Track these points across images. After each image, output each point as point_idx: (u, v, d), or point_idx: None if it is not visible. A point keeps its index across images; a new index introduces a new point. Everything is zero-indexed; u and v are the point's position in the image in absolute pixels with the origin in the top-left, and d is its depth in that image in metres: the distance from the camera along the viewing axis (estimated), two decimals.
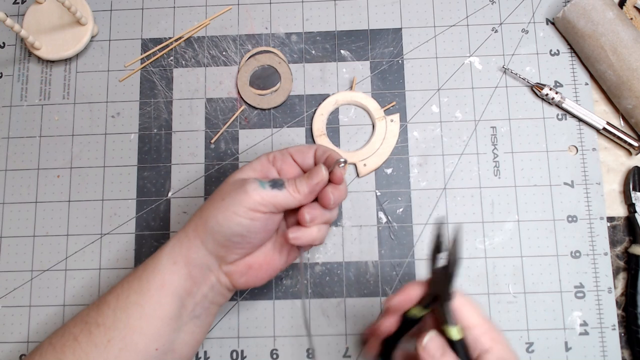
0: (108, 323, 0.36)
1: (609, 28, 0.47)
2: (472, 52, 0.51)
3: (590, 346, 0.46)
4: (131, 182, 0.50)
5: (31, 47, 0.51)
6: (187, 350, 0.38)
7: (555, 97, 0.49)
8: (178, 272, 0.37)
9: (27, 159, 0.51)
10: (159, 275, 0.36)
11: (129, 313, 0.36)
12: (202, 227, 0.37)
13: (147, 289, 0.36)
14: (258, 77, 0.52)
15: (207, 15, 0.53)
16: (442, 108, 0.50)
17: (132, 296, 0.36)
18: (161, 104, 0.52)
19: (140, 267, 0.38)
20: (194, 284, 0.37)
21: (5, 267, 0.49)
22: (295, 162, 0.40)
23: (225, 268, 0.38)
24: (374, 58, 0.52)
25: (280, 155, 0.40)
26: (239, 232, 0.36)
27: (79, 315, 0.38)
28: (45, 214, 0.50)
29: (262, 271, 0.39)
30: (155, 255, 0.38)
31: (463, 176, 0.49)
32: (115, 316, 0.36)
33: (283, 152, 0.41)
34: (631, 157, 0.49)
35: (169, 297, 0.36)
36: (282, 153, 0.40)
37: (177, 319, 0.37)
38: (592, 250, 0.47)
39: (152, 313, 0.36)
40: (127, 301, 0.36)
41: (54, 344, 0.37)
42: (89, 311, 0.38)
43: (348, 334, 0.47)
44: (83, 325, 0.36)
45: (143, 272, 0.37)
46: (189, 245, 0.37)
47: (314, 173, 0.37)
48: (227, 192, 0.37)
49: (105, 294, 0.38)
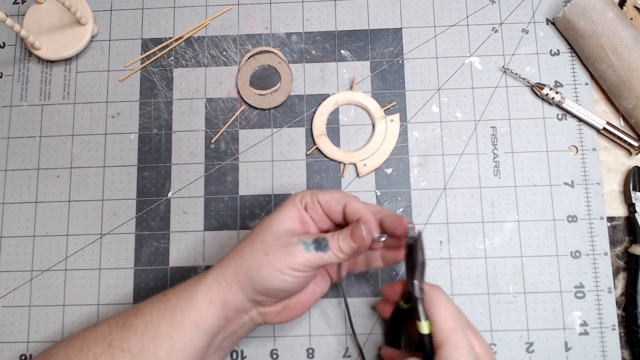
0: (134, 350, 0.35)
1: (609, 28, 0.47)
2: (472, 52, 0.51)
3: (590, 346, 0.46)
4: (131, 182, 0.50)
5: (31, 47, 0.51)
6: None
7: (555, 97, 0.49)
8: (214, 313, 0.37)
9: (27, 159, 0.51)
10: (194, 313, 0.36)
11: (158, 344, 0.35)
12: (243, 275, 0.37)
13: (181, 324, 0.36)
14: (258, 77, 0.52)
15: (207, 15, 0.53)
16: (442, 108, 0.50)
17: (163, 328, 0.36)
18: (161, 104, 0.52)
19: (173, 298, 0.37)
20: (227, 323, 0.38)
21: (5, 267, 0.49)
22: (324, 212, 0.40)
23: (261, 309, 0.39)
24: (374, 58, 0.52)
25: (310, 202, 0.39)
26: (282, 288, 0.36)
27: (99, 332, 0.37)
28: (45, 214, 0.50)
29: (297, 310, 0.40)
30: (191, 290, 0.37)
31: (463, 176, 0.49)
32: (142, 345, 0.35)
33: (313, 199, 0.39)
34: (631, 157, 0.49)
35: (201, 334, 0.36)
36: (312, 200, 0.39)
37: (204, 353, 0.37)
38: (592, 250, 0.47)
39: (183, 348, 0.36)
40: (157, 332, 0.36)
41: (70, 357, 0.36)
42: (111, 331, 0.37)
43: (348, 334, 0.47)
44: (106, 346, 0.36)
45: (177, 305, 0.37)
46: (228, 288, 0.37)
47: (357, 237, 0.37)
48: (270, 247, 0.37)
49: (129, 316, 0.37)
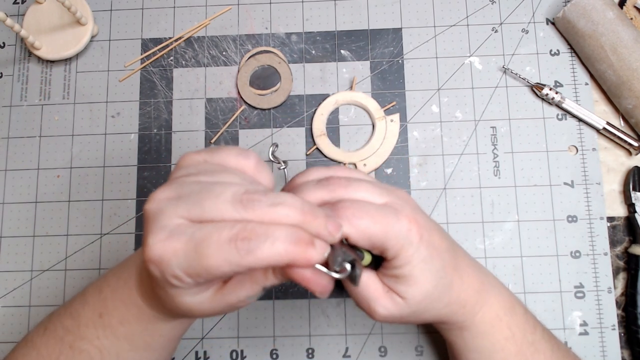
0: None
1: (609, 28, 0.47)
2: (472, 52, 0.51)
3: (590, 346, 0.46)
4: (131, 182, 0.50)
5: (31, 47, 0.51)
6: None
7: (555, 97, 0.49)
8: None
9: (27, 159, 0.51)
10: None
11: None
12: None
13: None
14: (258, 77, 0.52)
15: (207, 15, 0.53)
16: (442, 108, 0.50)
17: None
18: (161, 104, 0.52)
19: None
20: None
21: (5, 267, 0.49)
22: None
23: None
24: (374, 58, 0.52)
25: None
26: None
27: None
28: (45, 214, 0.50)
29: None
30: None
31: (463, 176, 0.49)
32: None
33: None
34: (631, 157, 0.49)
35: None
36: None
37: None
38: (592, 250, 0.47)
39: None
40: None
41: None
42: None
43: (348, 334, 0.47)
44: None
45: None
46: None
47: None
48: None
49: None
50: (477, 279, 0.35)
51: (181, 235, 0.26)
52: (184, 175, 0.29)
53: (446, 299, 0.33)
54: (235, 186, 0.27)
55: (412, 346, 0.46)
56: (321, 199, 0.31)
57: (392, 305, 0.32)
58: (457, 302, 0.34)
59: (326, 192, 0.31)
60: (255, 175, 0.30)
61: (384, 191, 0.32)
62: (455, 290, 0.34)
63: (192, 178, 0.28)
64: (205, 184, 0.27)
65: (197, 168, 0.29)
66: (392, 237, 0.30)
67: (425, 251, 0.31)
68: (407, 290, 0.31)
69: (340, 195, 0.31)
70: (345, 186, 0.31)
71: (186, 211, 0.27)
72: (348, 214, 0.29)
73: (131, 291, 0.32)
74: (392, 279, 0.32)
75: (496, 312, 0.36)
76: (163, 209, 0.27)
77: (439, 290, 0.32)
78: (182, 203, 0.27)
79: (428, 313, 0.33)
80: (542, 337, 0.37)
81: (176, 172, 0.30)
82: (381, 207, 0.31)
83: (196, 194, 0.27)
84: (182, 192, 0.27)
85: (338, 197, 0.31)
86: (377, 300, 0.32)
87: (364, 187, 0.32)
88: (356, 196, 0.31)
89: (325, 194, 0.31)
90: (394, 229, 0.30)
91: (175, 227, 0.26)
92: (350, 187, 0.31)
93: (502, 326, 0.35)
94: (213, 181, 0.28)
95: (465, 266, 0.35)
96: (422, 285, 0.31)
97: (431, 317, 0.34)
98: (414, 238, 0.31)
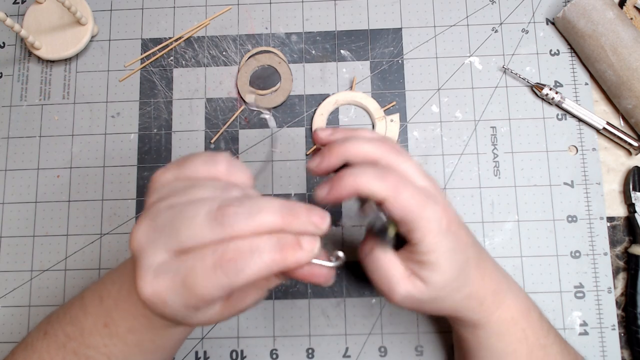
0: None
1: (609, 28, 0.47)
2: (472, 52, 0.51)
3: (590, 346, 0.46)
4: (131, 182, 0.50)
5: (31, 47, 0.51)
6: None
7: (555, 97, 0.49)
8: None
9: (27, 159, 0.51)
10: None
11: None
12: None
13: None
14: (258, 77, 0.52)
15: (207, 15, 0.53)
16: (442, 108, 0.50)
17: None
18: (161, 104, 0.52)
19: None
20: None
21: (5, 267, 0.49)
22: None
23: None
24: (374, 58, 0.52)
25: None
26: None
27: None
28: (45, 214, 0.50)
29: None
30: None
31: (463, 176, 0.49)
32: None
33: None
34: (631, 157, 0.49)
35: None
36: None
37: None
38: (592, 250, 0.47)
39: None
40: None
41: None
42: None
43: (348, 334, 0.47)
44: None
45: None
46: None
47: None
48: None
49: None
50: (497, 280, 0.36)
51: (166, 273, 0.26)
52: (157, 201, 0.29)
53: (465, 292, 0.34)
54: (207, 202, 0.27)
55: (412, 346, 0.46)
56: (373, 155, 0.32)
57: (413, 287, 0.33)
58: (475, 298, 0.35)
59: (379, 151, 0.32)
60: (229, 178, 0.30)
61: (425, 176, 0.33)
62: (475, 285, 0.34)
63: (165, 202, 0.28)
64: (179, 208, 0.27)
65: (169, 188, 0.29)
66: (424, 218, 0.31)
67: (452, 242, 0.32)
68: (430, 275, 0.32)
69: (391, 160, 0.32)
70: (396, 154, 0.33)
71: (165, 245, 0.26)
72: (394, 182, 0.30)
73: (137, 303, 0.31)
74: (417, 264, 0.32)
75: (512, 314, 0.36)
76: (144, 248, 0.27)
77: (459, 281, 0.33)
78: (161, 237, 0.27)
79: (445, 302, 0.34)
80: (554, 342, 0.37)
81: (150, 197, 0.29)
82: (422, 188, 0.32)
83: (170, 223, 0.27)
84: (157, 224, 0.27)
85: (388, 161, 0.32)
86: (398, 281, 0.33)
87: (411, 164, 0.33)
88: (404, 168, 0.32)
89: (378, 152, 0.32)
90: (427, 212, 0.31)
91: (159, 265, 0.26)
92: (401, 157, 0.33)
93: (516, 328, 0.36)
94: (185, 201, 0.27)
95: (486, 265, 0.36)
96: (445, 273, 0.32)
97: (447, 307, 0.35)
98: (443, 226, 0.31)
